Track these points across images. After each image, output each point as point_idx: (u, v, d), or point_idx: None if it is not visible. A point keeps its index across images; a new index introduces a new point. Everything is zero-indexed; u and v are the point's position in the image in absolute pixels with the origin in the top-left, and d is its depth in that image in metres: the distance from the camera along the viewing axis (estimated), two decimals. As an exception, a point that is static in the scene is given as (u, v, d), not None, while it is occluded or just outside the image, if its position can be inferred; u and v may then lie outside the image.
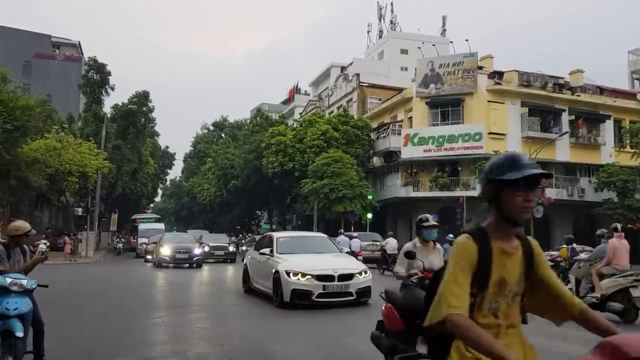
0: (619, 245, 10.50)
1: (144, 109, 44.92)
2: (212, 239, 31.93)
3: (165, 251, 24.66)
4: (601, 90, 41.59)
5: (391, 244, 22.08)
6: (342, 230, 29.31)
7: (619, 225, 11.47)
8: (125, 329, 8.61)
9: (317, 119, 42.55)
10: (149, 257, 28.21)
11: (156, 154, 62.45)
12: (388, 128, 39.85)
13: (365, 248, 24.96)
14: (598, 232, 12.10)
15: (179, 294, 13.67)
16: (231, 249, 31.01)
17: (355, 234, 26.48)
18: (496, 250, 2.17)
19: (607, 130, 38.98)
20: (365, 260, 18.18)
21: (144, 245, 32.22)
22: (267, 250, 11.82)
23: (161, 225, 44.07)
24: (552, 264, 22.74)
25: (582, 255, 12.23)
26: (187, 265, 24.73)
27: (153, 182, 60.97)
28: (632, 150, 34.73)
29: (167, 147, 74.52)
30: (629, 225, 35.50)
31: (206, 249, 28.35)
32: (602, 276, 10.24)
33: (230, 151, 55.23)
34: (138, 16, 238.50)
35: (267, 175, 42.05)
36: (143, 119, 45.57)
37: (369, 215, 35.84)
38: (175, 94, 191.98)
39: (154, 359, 6.73)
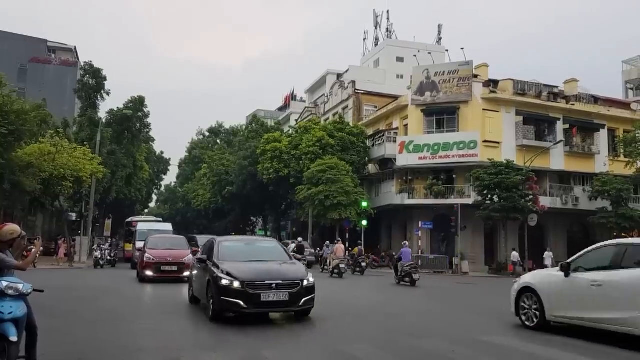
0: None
1: (139, 114, 44.91)
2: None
3: (148, 260, 18.47)
4: (595, 100, 41.85)
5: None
6: (328, 242, 29.84)
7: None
8: (117, 335, 8.55)
9: (313, 125, 42.63)
10: (148, 272, 18.57)
11: (151, 160, 62.34)
12: (383, 135, 39.93)
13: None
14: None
15: (171, 299, 13.59)
16: None
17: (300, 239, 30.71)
18: None
19: (601, 139, 39.18)
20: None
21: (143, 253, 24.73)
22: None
23: (168, 226, 34.70)
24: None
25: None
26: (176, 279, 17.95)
27: (148, 187, 60.78)
28: (626, 160, 34.96)
29: (162, 153, 74.43)
30: (623, 234, 35.65)
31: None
32: None
33: (225, 157, 55.18)
34: (134, 22, 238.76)
35: (262, 182, 42.02)
36: (138, 124, 45.56)
37: (364, 222, 35.86)
38: (171, 100, 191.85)
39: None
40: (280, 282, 9.41)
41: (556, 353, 7.40)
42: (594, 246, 9.05)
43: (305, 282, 9.65)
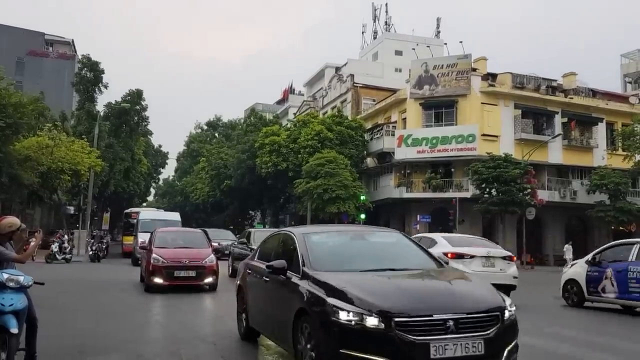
0: None
1: (137, 107, 44.73)
2: (215, 235, 26.46)
3: (157, 263, 13.38)
4: (594, 93, 41.87)
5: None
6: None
7: None
8: (117, 327, 8.58)
9: (311, 119, 42.58)
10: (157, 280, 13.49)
11: (149, 153, 62.19)
12: (382, 129, 39.92)
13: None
14: None
15: (172, 292, 13.59)
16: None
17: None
18: None
19: (600, 132, 39.23)
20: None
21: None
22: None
23: (176, 216, 28.98)
24: None
25: None
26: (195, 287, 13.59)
27: (146, 181, 60.64)
28: (624, 153, 34.99)
29: (160, 146, 74.26)
30: (621, 228, 35.79)
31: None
32: None
33: (223, 151, 55.09)
34: (132, 16, 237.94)
35: (260, 175, 41.99)
36: (136, 118, 45.38)
37: (362, 216, 35.89)
38: (169, 94, 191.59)
39: (147, 356, 6.70)
40: (464, 316, 4.64)
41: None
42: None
43: (506, 314, 4.88)
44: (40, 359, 5.63)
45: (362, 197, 35.87)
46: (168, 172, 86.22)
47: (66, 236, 27.22)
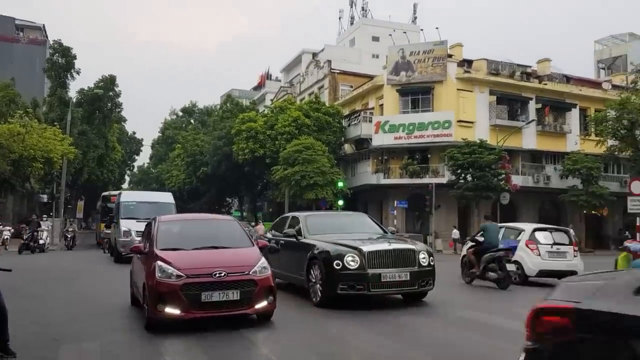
0: None
1: (111, 93, 44.11)
2: None
3: (167, 279, 7.21)
4: (567, 79, 42.45)
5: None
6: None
7: None
8: (92, 315, 8.50)
9: (289, 105, 42.40)
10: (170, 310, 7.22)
11: (123, 140, 61.54)
12: (359, 115, 39.96)
13: None
14: None
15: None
16: None
17: None
18: None
19: (573, 118, 39.84)
20: None
21: (132, 238, 17.33)
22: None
23: (168, 197, 22.90)
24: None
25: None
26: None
27: (120, 168, 60.05)
28: (597, 139, 35.64)
29: (134, 133, 73.42)
30: (593, 212, 36.58)
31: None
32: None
33: (199, 137, 54.58)
34: (103, 1, 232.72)
35: (237, 162, 41.74)
36: (109, 104, 44.77)
37: (340, 202, 35.98)
38: (143, 80, 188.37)
39: (121, 343, 6.66)
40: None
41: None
42: None
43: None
44: (15, 347, 5.56)
45: (340, 184, 35.94)
46: (143, 159, 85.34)
47: (42, 224, 26.37)
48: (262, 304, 7.43)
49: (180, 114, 78.78)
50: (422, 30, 45.56)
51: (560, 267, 12.72)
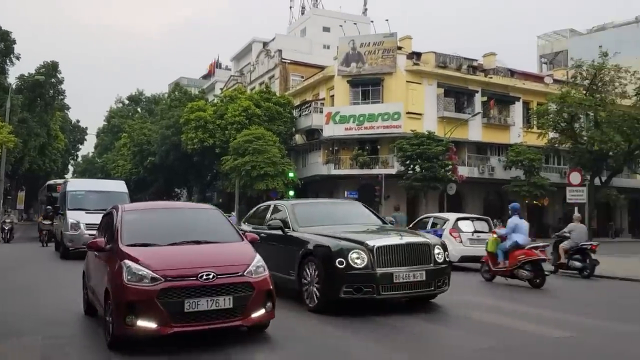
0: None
1: (53, 80, 42.46)
2: None
3: (139, 283, 5.66)
4: (512, 73, 43.77)
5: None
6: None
7: None
8: (32, 309, 8.22)
9: (239, 95, 41.97)
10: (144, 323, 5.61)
11: (66, 128, 59.60)
12: (310, 106, 40.00)
13: None
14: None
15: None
16: None
17: None
18: None
19: (517, 111, 41.17)
20: None
21: (81, 231, 16.26)
22: None
23: (121, 186, 20.41)
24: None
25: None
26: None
27: (63, 157, 58.18)
28: (539, 131, 36.97)
29: (78, 121, 71.14)
30: (535, 202, 38.00)
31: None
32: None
33: (146, 126, 53.41)
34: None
35: (186, 152, 41.07)
36: (52, 91, 43.10)
37: (291, 193, 35.97)
38: (88, 67, 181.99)
39: (63, 337, 6.48)
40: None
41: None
42: None
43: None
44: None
45: (291, 174, 35.94)
46: (87, 148, 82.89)
47: None
48: (259, 313, 6.01)
49: (127, 102, 76.84)
50: (372, 22, 46.05)
51: (480, 252, 13.20)
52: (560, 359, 5.82)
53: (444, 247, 8.21)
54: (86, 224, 15.85)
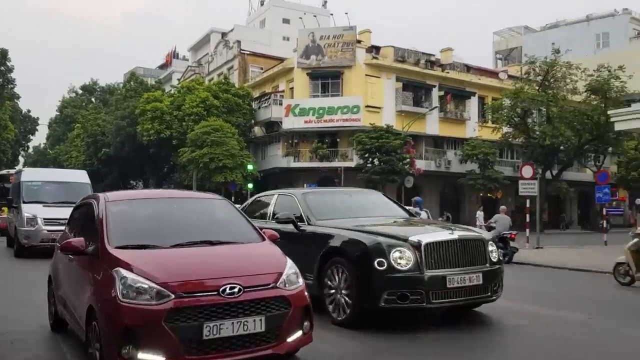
0: None
1: (2, 68, 41.09)
2: None
3: (141, 301, 4.12)
4: (468, 68, 44.61)
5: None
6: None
7: None
8: None
9: (197, 85, 41.37)
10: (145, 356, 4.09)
11: (16, 119, 57.47)
12: (269, 98, 39.81)
13: None
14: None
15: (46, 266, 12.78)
16: None
17: None
18: None
19: (472, 106, 42.03)
20: None
21: (38, 227, 14.76)
22: None
23: (81, 176, 17.96)
24: None
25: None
26: None
27: (13, 148, 55.99)
28: (493, 126, 37.88)
29: (29, 111, 68.59)
30: (489, 194, 38.96)
31: None
32: None
33: (101, 117, 52.07)
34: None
35: (142, 143, 40.28)
36: (1, 80, 41.64)
37: (250, 185, 35.79)
38: (39, 55, 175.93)
39: (16, 333, 6.30)
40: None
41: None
42: None
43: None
44: None
45: (250, 167, 35.73)
46: (39, 139, 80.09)
47: None
48: (296, 336, 4.58)
49: (80, 92, 74.64)
50: (332, 14, 46.09)
51: None
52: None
53: (496, 244, 7.23)
54: (44, 219, 14.60)
